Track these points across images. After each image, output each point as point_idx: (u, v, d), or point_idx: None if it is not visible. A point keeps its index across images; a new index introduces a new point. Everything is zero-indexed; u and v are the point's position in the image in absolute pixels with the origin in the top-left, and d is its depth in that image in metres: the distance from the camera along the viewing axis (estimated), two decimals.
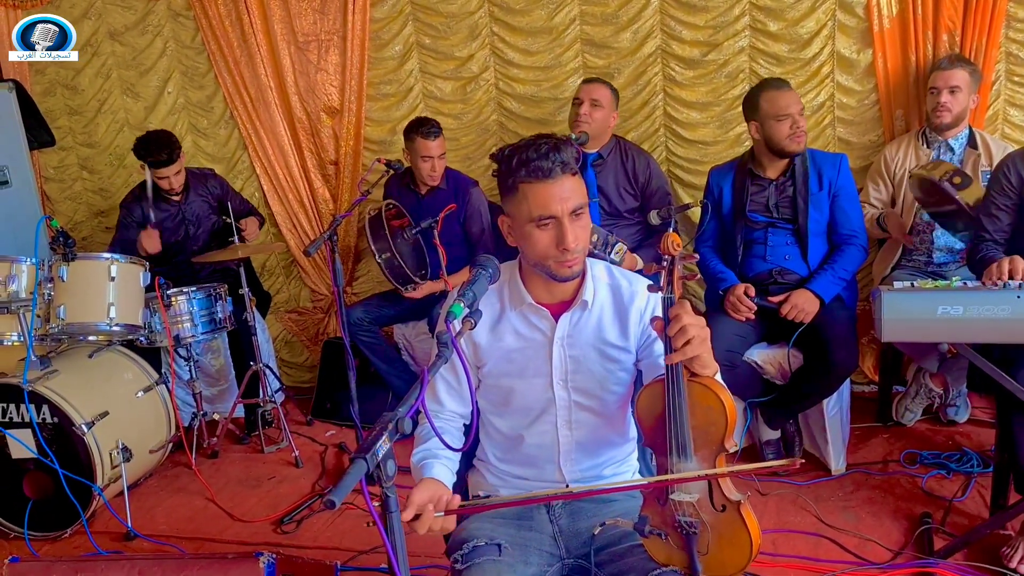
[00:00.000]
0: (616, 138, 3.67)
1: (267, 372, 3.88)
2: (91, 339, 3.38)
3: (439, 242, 3.57)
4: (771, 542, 2.70)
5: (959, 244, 3.29)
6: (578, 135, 3.43)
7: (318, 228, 4.45)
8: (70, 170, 4.87)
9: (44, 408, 3.08)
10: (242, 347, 3.93)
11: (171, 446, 3.61)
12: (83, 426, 3.07)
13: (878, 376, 3.72)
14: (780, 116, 3.05)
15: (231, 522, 3.24)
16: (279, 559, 2.30)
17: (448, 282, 3.67)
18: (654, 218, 3.35)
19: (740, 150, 3.61)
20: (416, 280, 3.65)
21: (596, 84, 3.59)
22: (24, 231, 3.59)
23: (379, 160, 3.60)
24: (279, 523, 3.18)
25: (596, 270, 1.83)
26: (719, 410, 1.60)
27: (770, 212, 3.17)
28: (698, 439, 1.62)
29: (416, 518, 1.57)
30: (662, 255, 1.66)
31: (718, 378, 1.65)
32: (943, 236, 3.31)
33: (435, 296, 3.75)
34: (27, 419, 3.07)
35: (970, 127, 3.33)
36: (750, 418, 3.29)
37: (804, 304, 3.03)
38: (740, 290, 3.10)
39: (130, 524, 3.14)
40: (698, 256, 3.16)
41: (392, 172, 3.63)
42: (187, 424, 3.89)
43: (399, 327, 4.07)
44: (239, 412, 4.02)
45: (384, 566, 2.79)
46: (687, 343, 1.53)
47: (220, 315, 3.76)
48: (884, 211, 3.40)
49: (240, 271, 3.73)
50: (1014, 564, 2.45)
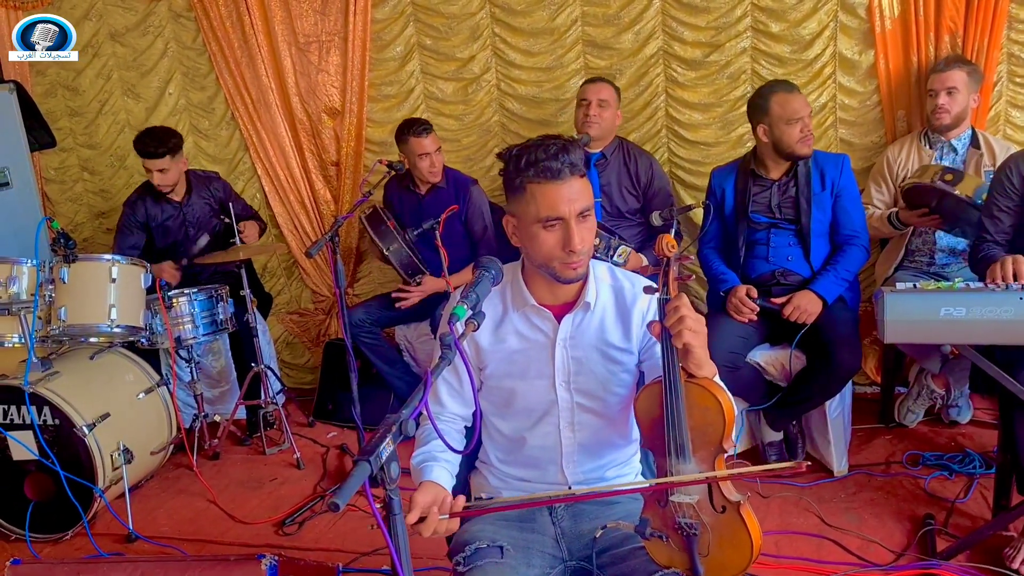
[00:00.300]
0: (619, 138, 3.68)
1: (268, 373, 3.88)
2: (92, 341, 3.38)
3: (441, 243, 3.57)
4: (773, 543, 2.69)
5: (961, 245, 3.29)
6: (580, 136, 3.43)
7: (319, 229, 4.45)
8: (71, 171, 4.86)
9: (45, 410, 3.08)
10: (243, 348, 3.93)
11: (172, 448, 3.61)
12: (84, 428, 3.07)
13: (880, 377, 3.72)
14: (792, 120, 3.02)
15: (232, 524, 3.24)
16: (281, 561, 2.30)
17: (450, 282, 3.66)
18: (656, 219, 3.36)
19: (742, 151, 3.61)
20: (423, 271, 3.66)
21: (601, 84, 3.59)
22: (25, 232, 3.59)
23: (381, 161, 3.60)
24: (281, 525, 3.17)
25: (599, 271, 1.83)
26: (716, 411, 1.60)
27: (772, 213, 3.16)
28: (696, 440, 1.62)
29: (420, 521, 1.57)
30: (657, 256, 1.67)
31: (716, 379, 1.65)
32: (945, 237, 3.31)
33: (437, 297, 3.75)
34: (28, 421, 3.07)
35: (973, 128, 3.32)
36: (743, 421, 3.29)
37: (807, 305, 3.03)
38: (742, 291, 3.10)
39: (131, 526, 3.14)
40: (692, 257, 3.16)
41: (394, 173, 3.63)
42: (188, 426, 3.89)
43: (400, 328, 4.07)
44: (240, 413, 4.02)
45: (386, 568, 2.79)
46: (681, 331, 1.55)
47: (221, 316, 3.76)
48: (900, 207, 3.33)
49: (241, 272, 3.73)
50: (1016, 565, 2.45)
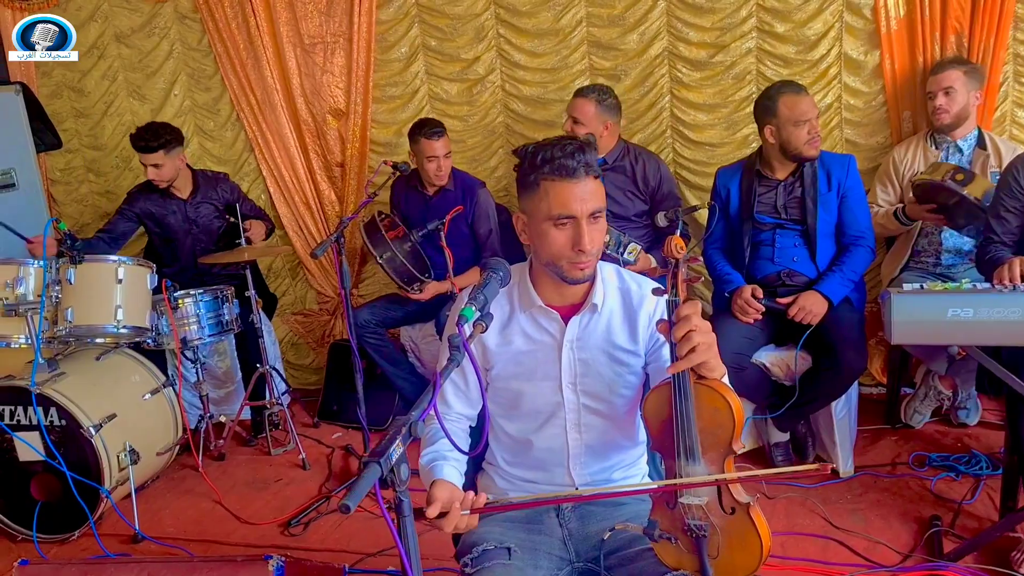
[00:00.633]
0: (624, 143, 3.65)
1: (273, 374, 3.88)
2: (98, 341, 3.39)
3: (445, 244, 3.56)
4: (780, 545, 2.69)
5: (967, 246, 3.28)
6: (586, 135, 3.41)
7: (324, 230, 4.45)
8: (76, 172, 4.87)
9: (52, 410, 3.08)
10: (248, 349, 3.93)
11: (178, 448, 3.61)
12: (91, 428, 3.07)
13: (886, 378, 3.72)
14: (800, 121, 3.02)
15: (238, 524, 3.24)
16: (288, 562, 2.30)
17: (455, 283, 3.66)
18: (661, 220, 3.36)
19: (747, 151, 3.61)
20: (422, 279, 3.65)
21: (578, 100, 3.50)
22: (31, 233, 3.59)
23: (386, 162, 3.60)
24: (286, 525, 3.18)
25: (606, 273, 1.83)
26: (726, 412, 1.60)
27: (778, 213, 3.16)
28: (706, 441, 1.62)
29: (441, 516, 1.56)
30: (666, 258, 1.66)
31: (725, 380, 1.65)
32: (951, 238, 3.30)
33: (442, 298, 3.75)
34: (35, 422, 3.08)
35: (979, 128, 3.32)
36: (748, 422, 3.28)
37: (812, 306, 3.02)
38: (747, 292, 3.10)
39: (137, 526, 3.14)
40: (700, 259, 3.15)
41: (399, 174, 3.62)
42: (194, 426, 3.87)
43: (406, 329, 4.07)
44: (246, 414, 4.02)
45: (391, 568, 2.79)
46: (692, 351, 1.53)
47: (227, 317, 3.76)
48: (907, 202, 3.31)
49: (247, 273, 3.73)
50: None
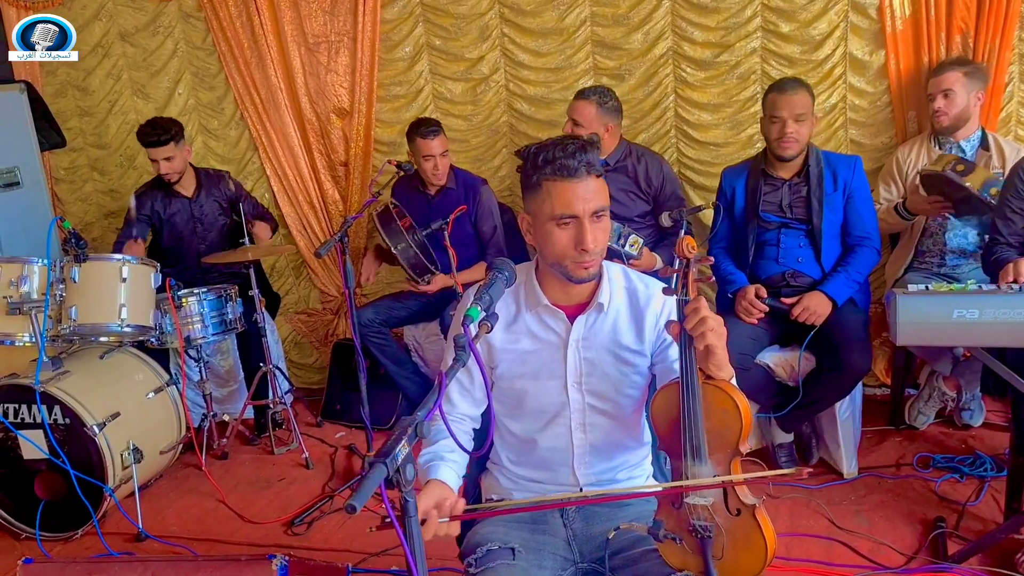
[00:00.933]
0: (626, 143, 3.64)
1: (277, 373, 3.88)
2: (102, 340, 3.39)
3: (449, 244, 3.56)
4: (784, 546, 2.68)
5: (971, 246, 3.27)
6: (591, 135, 3.40)
7: (328, 229, 4.45)
8: (80, 171, 4.88)
9: (56, 409, 3.08)
10: (251, 348, 3.93)
11: (181, 447, 3.61)
12: (94, 427, 3.07)
13: (890, 379, 3.70)
14: (772, 118, 3.10)
15: (241, 523, 3.24)
16: (291, 561, 2.30)
17: (457, 281, 3.65)
18: (665, 220, 3.36)
19: (751, 151, 3.60)
20: (432, 271, 3.65)
21: (578, 102, 3.49)
22: (35, 232, 3.60)
23: (390, 161, 3.60)
24: (290, 525, 3.18)
25: (613, 273, 1.83)
26: (734, 413, 1.60)
27: (783, 212, 3.15)
28: (713, 442, 1.62)
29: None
30: (677, 258, 1.65)
31: (733, 382, 1.65)
32: (955, 238, 3.29)
33: (446, 297, 3.74)
34: (39, 420, 3.08)
35: (983, 129, 3.31)
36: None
37: (816, 306, 3.02)
38: (751, 292, 3.09)
39: (141, 525, 3.14)
40: (713, 259, 3.15)
41: (403, 173, 3.62)
42: (197, 425, 3.88)
43: (409, 328, 4.07)
44: (249, 413, 4.02)
45: (395, 568, 2.79)
46: (703, 332, 1.54)
47: (230, 316, 3.77)
48: (907, 196, 3.30)
49: (250, 272, 3.73)
50: None
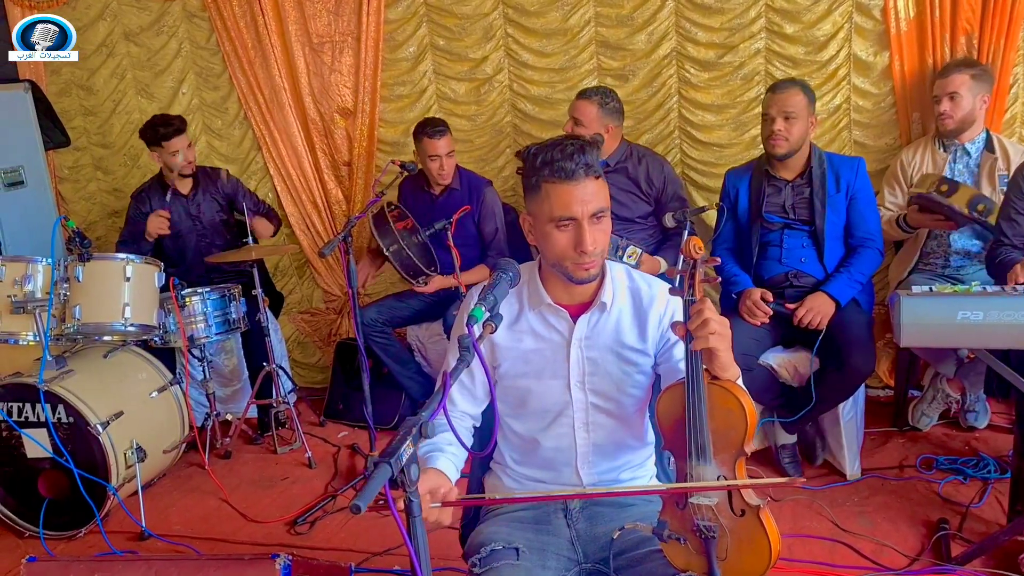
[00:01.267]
0: (627, 144, 3.63)
1: (280, 373, 3.89)
2: (106, 339, 3.39)
3: (453, 244, 3.56)
4: (787, 547, 2.68)
5: (976, 248, 3.27)
6: (595, 135, 3.40)
7: (331, 229, 4.45)
8: (84, 170, 4.88)
9: (60, 408, 3.09)
10: (255, 348, 3.93)
11: (185, 446, 3.62)
12: (98, 426, 3.07)
13: (893, 380, 3.70)
14: (764, 114, 3.14)
15: (245, 523, 3.24)
16: (294, 560, 2.30)
17: (460, 281, 3.65)
18: (669, 221, 3.35)
19: (755, 153, 3.60)
20: (428, 273, 3.64)
21: (580, 102, 3.49)
22: (40, 231, 3.61)
23: (393, 161, 3.60)
24: (292, 524, 3.18)
25: (615, 272, 1.83)
26: (739, 413, 1.60)
27: (786, 213, 3.15)
28: (718, 442, 1.62)
29: None
30: (684, 258, 1.65)
31: (739, 382, 1.65)
32: (960, 240, 3.29)
33: (449, 297, 3.75)
34: (43, 419, 3.08)
35: (987, 130, 3.30)
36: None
37: (820, 307, 3.01)
38: (756, 295, 3.09)
39: (144, 524, 3.15)
40: (719, 260, 3.16)
41: (406, 173, 3.62)
42: (200, 424, 3.90)
43: (413, 328, 4.06)
44: (252, 413, 4.03)
45: (398, 567, 2.80)
46: (705, 335, 1.54)
47: (234, 316, 3.77)
48: (907, 212, 3.30)
49: (254, 272, 3.74)
50: None
